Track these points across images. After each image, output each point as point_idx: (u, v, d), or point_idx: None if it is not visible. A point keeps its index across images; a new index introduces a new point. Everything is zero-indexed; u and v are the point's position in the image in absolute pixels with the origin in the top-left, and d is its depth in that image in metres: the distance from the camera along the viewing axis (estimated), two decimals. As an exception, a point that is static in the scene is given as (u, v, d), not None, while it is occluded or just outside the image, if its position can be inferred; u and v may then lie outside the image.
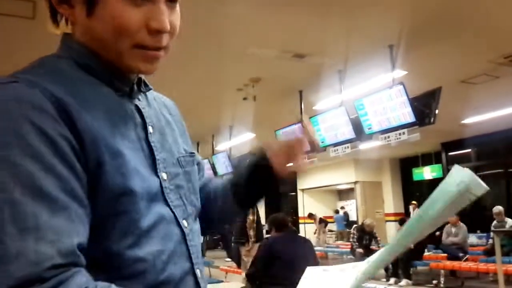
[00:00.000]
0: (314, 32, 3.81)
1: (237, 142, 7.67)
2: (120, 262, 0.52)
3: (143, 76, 0.64)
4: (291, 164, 0.73)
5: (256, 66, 4.58)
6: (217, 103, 5.69)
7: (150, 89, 0.66)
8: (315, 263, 3.04)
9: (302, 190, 13.73)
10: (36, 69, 0.54)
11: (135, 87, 0.62)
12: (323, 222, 11.29)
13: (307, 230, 13.35)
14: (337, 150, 5.00)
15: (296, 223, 12.77)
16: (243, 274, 4.74)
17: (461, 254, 6.62)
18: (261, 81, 4.99)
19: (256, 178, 0.75)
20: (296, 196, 13.98)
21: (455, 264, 6.24)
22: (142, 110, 0.62)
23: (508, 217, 7.12)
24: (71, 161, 0.49)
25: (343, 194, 14.27)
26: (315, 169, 11.78)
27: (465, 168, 0.51)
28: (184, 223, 0.62)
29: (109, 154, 0.52)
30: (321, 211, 13.55)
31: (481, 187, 0.51)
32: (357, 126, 4.61)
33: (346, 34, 3.85)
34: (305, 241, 3.36)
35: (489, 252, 6.51)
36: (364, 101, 4.41)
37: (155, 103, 0.68)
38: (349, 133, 4.78)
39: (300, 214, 13.67)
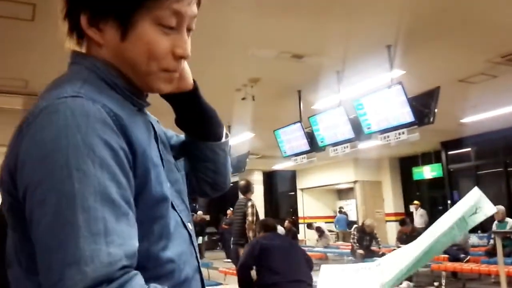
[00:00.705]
0: (313, 32, 3.81)
1: (236, 141, 7.67)
2: (155, 263, 0.58)
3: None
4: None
5: (255, 67, 4.57)
6: (216, 103, 5.58)
7: (149, 104, 0.71)
8: (306, 260, 3.13)
9: (302, 189, 13.73)
10: (86, 85, 0.58)
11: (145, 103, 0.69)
12: (319, 230, 11.30)
13: (306, 231, 13.35)
14: (337, 149, 4.99)
15: (295, 223, 12.75)
16: None
17: (462, 255, 6.59)
18: (260, 81, 4.99)
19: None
20: (295, 195, 13.98)
21: (457, 265, 6.21)
22: (153, 124, 0.69)
23: (509, 216, 7.10)
24: (127, 171, 0.55)
25: (343, 193, 14.26)
26: (314, 168, 11.77)
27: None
28: (189, 225, 0.67)
29: (152, 164, 0.59)
30: (320, 211, 13.54)
31: (490, 207, 0.60)
32: (356, 126, 4.60)
33: (344, 34, 3.85)
34: (292, 241, 3.58)
35: (490, 253, 6.49)
36: (363, 100, 4.40)
37: (153, 118, 0.74)
38: (348, 133, 4.77)
39: (300, 213, 13.66)
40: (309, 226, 11.66)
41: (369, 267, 0.64)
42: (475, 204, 0.59)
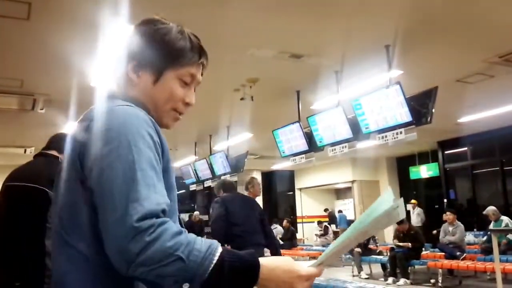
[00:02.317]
0: (311, 32, 3.82)
1: (235, 142, 7.66)
2: None
3: None
4: None
5: (254, 67, 4.58)
6: (215, 104, 5.68)
7: None
8: (260, 219, 3.79)
9: (300, 189, 13.75)
10: (128, 104, 0.85)
11: None
12: (326, 229, 11.49)
13: (305, 230, 13.37)
14: (335, 149, 5.00)
15: (293, 222, 12.79)
16: None
17: (458, 253, 6.63)
18: (258, 82, 4.99)
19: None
20: (293, 195, 13.99)
21: (453, 263, 6.25)
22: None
23: (506, 214, 7.15)
24: (160, 155, 0.80)
25: (341, 193, 14.29)
26: (312, 168, 11.79)
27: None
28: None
29: (171, 161, 0.85)
30: (318, 210, 13.57)
31: (403, 211, 0.74)
32: (355, 126, 4.61)
33: (343, 34, 3.86)
34: (252, 200, 4.07)
35: (486, 251, 6.53)
36: (361, 100, 4.42)
37: None
38: (346, 133, 4.78)
39: (298, 213, 13.68)
40: (320, 223, 11.82)
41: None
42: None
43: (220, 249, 0.72)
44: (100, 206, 0.74)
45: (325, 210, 13.37)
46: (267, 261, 0.76)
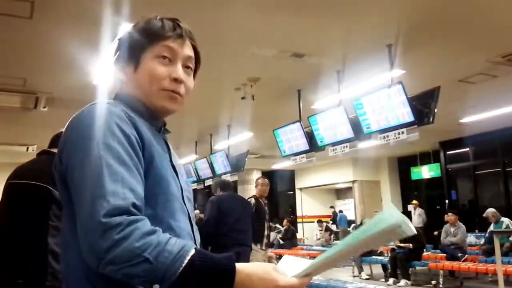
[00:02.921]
0: (313, 32, 3.81)
1: (235, 141, 7.66)
2: (160, 225, 0.76)
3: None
4: None
5: (255, 66, 4.57)
6: (215, 103, 5.68)
7: (170, 132, 0.98)
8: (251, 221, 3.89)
9: (300, 189, 13.74)
10: (115, 102, 0.87)
11: (163, 128, 0.95)
12: (328, 229, 11.47)
13: (305, 229, 13.36)
14: (336, 149, 4.99)
15: (294, 222, 12.78)
16: None
17: (460, 254, 6.61)
18: (259, 81, 4.98)
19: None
20: (294, 195, 13.99)
21: (454, 264, 6.23)
22: (168, 142, 0.95)
23: (507, 215, 7.13)
24: (138, 150, 0.79)
25: (341, 193, 14.28)
26: (313, 168, 11.78)
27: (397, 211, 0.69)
28: (193, 221, 0.91)
29: (156, 152, 0.83)
30: (318, 210, 13.56)
31: (410, 229, 0.67)
32: (356, 126, 4.60)
33: (345, 33, 3.85)
34: (246, 201, 4.17)
35: (488, 252, 6.51)
36: (363, 100, 4.40)
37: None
38: (347, 133, 4.77)
39: (298, 213, 13.67)
40: (320, 222, 11.79)
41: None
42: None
43: (192, 251, 0.70)
44: (75, 204, 0.75)
45: (331, 207, 13.39)
46: (244, 267, 0.72)
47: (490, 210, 6.91)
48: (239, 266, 0.72)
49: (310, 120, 5.18)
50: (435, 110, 3.87)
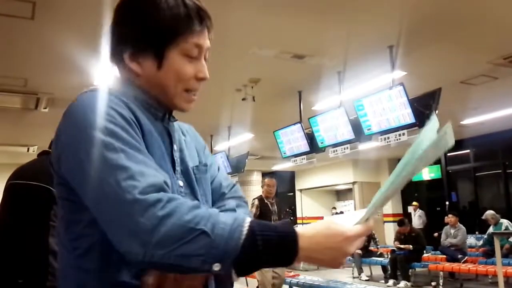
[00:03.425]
0: (314, 33, 3.80)
1: (236, 142, 7.65)
2: None
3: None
4: None
5: (256, 67, 4.57)
6: (216, 104, 5.68)
7: (176, 120, 0.88)
8: None
9: (300, 190, 13.73)
10: (104, 88, 0.76)
11: (167, 116, 0.84)
12: None
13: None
14: (336, 151, 4.99)
15: (294, 223, 12.77)
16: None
17: (460, 256, 6.61)
18: (260, 82, 4.98)
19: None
20: (294, 196, 13.98)
21: (454, 266, 6.23)
22: (171, 133, 0.83)
23: (507, 217, 7.12)
24: (140, 136, 0.70)
25: (341, 194, 14.27)
26: (313, 169, 11.77)
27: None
28: None
29: (155, 141, 0.75)
30: (319, 212, 13.55)
31: (452, 138, 0.64)
32: (357, 127, 4.60)
33: (346, 35, 3.85)
34: None
35: (487, 254, 6.51)
36: (364, 101, 4.40)
37: (179, 130, 0.90)
38: (348, 134, 4.77)
39: (298, 214, 13.66)
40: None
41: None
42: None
43: (248, 220, 0.62)
44: (91, 205, 0.65)
45: (334, 208, 13.35)
46: (304, 229, 0.64)
47: (489, 213, 6.91)
48: (301, 230, 0.64)
49: (310, 121, 5.18)
50: (436, 112, 3.87)
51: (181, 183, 0.79)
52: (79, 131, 0.67)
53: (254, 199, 4.85)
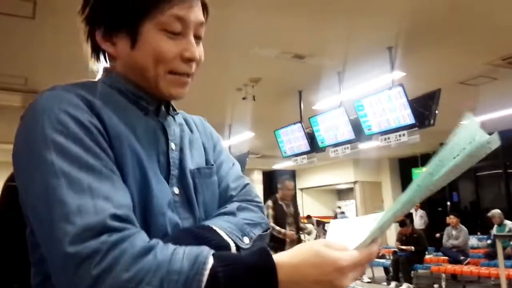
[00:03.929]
0: (314, 33, 3.81)
1: (236, 141, 7.66)
2: None
3: (172, 102, 0.74)
4: None
5: (256, 66, 4.57)
6: (217, 102, 5.69)
7: (177, 113, 0.77)
8: None
9: (301, 189, 13.73)
10: (73, 85, 0.65)
11: (163, 109, 0.72)
12: (320, 224, 11.33)
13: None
14: (337, 150, 4.99)
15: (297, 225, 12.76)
16: None
17: (462, 257, 6.59)
18: (260, 81, 4.99)
19: None
20: (295, 195, 13.97)
21: (456, 268, 6.21)
22: (167, 129, 0.71)
23: (509, 217, 7.10)
24: (104, 146, 0.58)
25: (343, 194, 14.26)
26: (314, 168, 11.77)
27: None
28: None
29: (131, 151, 0.61)
30: (320, 211, 13.54)
31: (496, 140, 0.52)
32: (357, 127, 4.60)
33: (346, 35, 3.85)
34: None
35: (489, 255, 6.49)
36: (364, 102, 4.40)
37: (184, 124, 0.77)
38: (348, 134, 4.77)
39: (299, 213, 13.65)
40: (308, 217, 11.69)
41: (376, 217, 0.60)
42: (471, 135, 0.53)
43: (210, 261, 0.50)
44: (37, 235, 0.56)
45: (339, 207, 13.24)
46: (288, 257, 0.52)
47: (496, 211, 6.91)
48: (281, 258, 0.52)
49: (311, 121, 5.18)
50: (436, 112, 3.86)
51: (176, 190, 0.67)
52: (26, 145, 0.57)
53: (268, 200, 4.70)
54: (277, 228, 4.45)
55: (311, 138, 5.31)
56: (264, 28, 3.67)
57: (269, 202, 4.62)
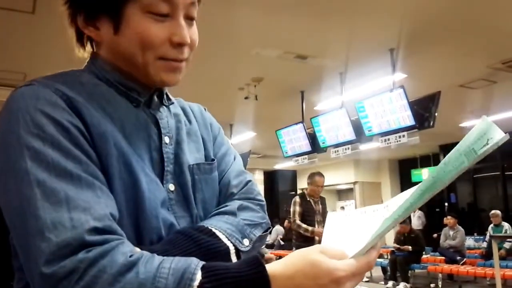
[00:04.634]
0: (317, 34, 3.84)
1: (238, 140, 7.71)
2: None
3: (166, 90, 0.69)
4: None
5: (258, 66, 4.60)
6: (219, 101, 5.72)
7: (172, 103, 0.71)
8: None
9: (302, 189, 13.75)
10: (54, 77, 0.59)
11: (155, 99, 0.66)
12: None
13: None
14: (338, 151, 5.04)
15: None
16: None
17: (458, 258, 6.65)
18: (263, 81, 5.02)
19: None
20: (295, 195, 13.98)
21: (453, 268, 6.26)
22: (160, 121, 0.65)
23: (506, 219, 7.17)
24: (86, 148, 0.53)
25: (343, 194, 14.30)
26: (315, 168, 11.79)
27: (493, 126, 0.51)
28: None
29: (117, 150, 0.56)
30: (319, 211, 13.56)
31: (500, 135, 0.51)
32: (358, 128, 4.65)
33: (348, 37, 3.89)
34: None
35: (485, 256, 6.55)
36: (365, 103, 4.45)
37: (181, 114, 0.72)
38: (349, 135, 4.81)
39: (299, 213, 13.67)
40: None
41: (375, 209, 0.58)
42: (485, 134, 0.52)
43: (198, 275, 0.46)
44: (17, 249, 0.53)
45: (342, 208, 13.24)
46: (282, 267, 0.49)
47: (498, 212, 6.99)
48: (274, 268, 0.48)
49: (312, 121, 5.23)
50: (436, 114, 3.92)
51: (172, 186, 0.63)
52: (2, 151, 0.52)
53: (295, 196, 4.45)
54: (304, 225, 4.23)
55: (312, 138, 5.36)
56: (267, 29, 3.70)
57: (297, 198, 4.34)
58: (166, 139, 0.65)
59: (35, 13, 3.25)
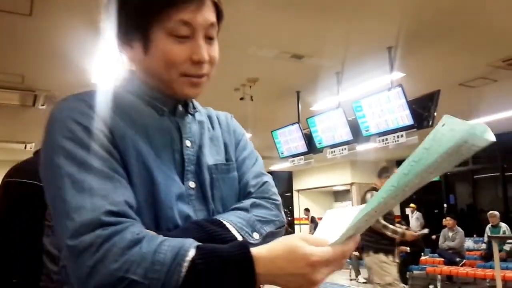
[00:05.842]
0: (313, 33, 3.79)
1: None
2: None
3: (192, 100, 0.80)
4: None
5: (254, 66, 4.56)
6: (214, 103, 5.58)
7: (197, 111, 0.82)
8: None
9: (298, 190, 13.73)
10: (85, 92, 0.70)
11: (180, 108, 0.76)
12: (314, 222, 11.35)
13: (302, 232, 13.34)
14: (334, 151, 4.98)
15: (291, 224, 12.74)
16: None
17: (458, 259, 6.61)
18: (258, 81, 4.97)
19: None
20: (291, 196, 13.97)
21: (452, 269, 6.23)
22: (182, 127, 0.75)
23: (505, 220, 7.13)
24: (109, 148, 0.64)
25: (339, 195, 14.27)
26: (311, 170, 11.77)
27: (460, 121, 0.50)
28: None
29: (135, 151, 0.67)
30: (316, 212, 13.55)
31: (483, 139, 0.48)
32: (355, 128, 4.59)
33: (345, 35, 3.84)
34: None
35: (484, 257, 6.50)
36: (362, 102, 4.39)
37: (206, 121, 0.82)
38: (346, 135, 4.76)
39: (296, 215, 13.66)
40: (307, 210, 11.66)
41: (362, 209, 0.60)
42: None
43: (191, 252, 0.55)
44: None
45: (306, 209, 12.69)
46: (266, 251, 0.57)
47: (497, 212, 6.97)
48: (258, 251, 0.56)
49: (308, 121, 5.17)
50: (435, 114, 3.86)
51: (192, 184, 0.72)
52: (44, 152, 0.65)
53: (367, 191, 4.02)
54: (391, 226, 3.67)
55: (308, 139, 5.30)
56: (262, 28, 3.66)
57: (368, 195, 3.91)
58: (188, 143, 0.75)
59: (33, 15, 3.27)
